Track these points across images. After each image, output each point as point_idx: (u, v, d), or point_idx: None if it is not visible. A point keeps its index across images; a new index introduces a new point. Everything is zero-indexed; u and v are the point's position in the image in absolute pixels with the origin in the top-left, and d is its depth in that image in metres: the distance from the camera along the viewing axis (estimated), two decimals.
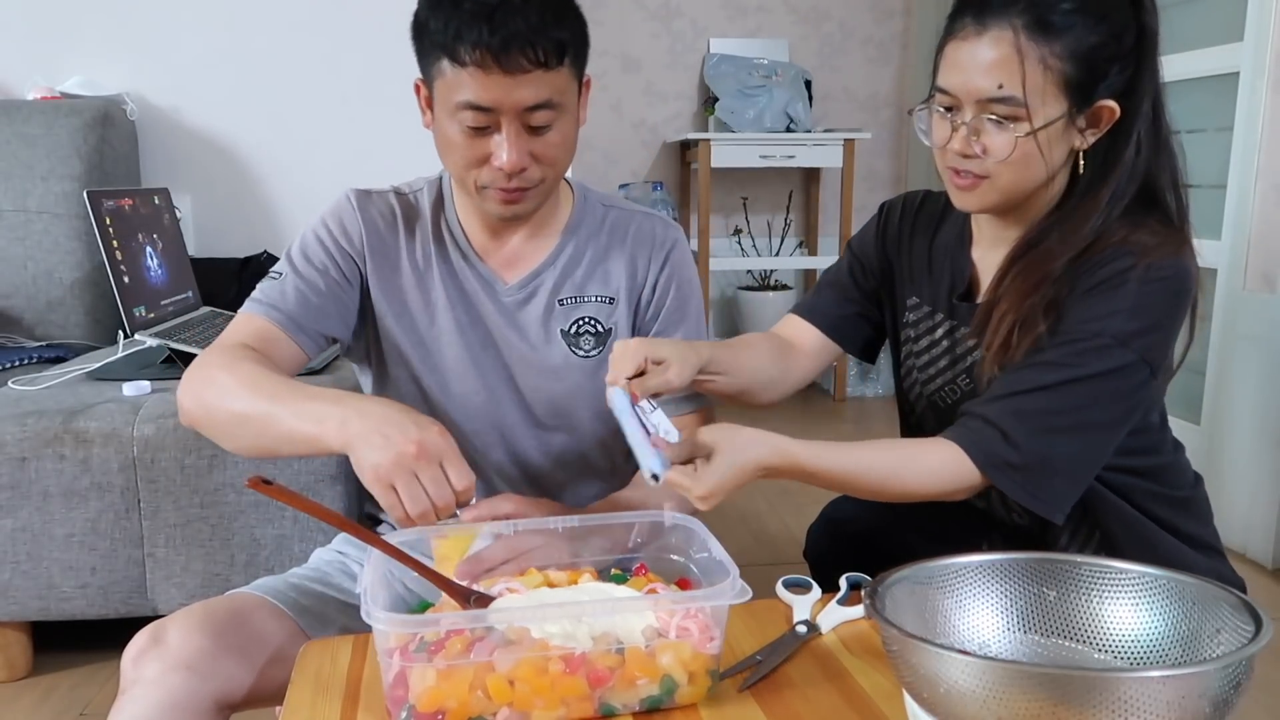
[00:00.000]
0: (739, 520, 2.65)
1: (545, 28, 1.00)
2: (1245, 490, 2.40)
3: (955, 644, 0.79)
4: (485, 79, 1.01)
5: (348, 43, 2.95)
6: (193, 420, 1.06)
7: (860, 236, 1.29)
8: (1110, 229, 1.04)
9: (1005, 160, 1.01)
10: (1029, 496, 1.01)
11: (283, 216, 3.00)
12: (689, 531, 0.98)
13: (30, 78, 2.75)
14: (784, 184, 4.28)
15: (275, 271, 1.17)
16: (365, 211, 1.20)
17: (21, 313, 2.44)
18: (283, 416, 0.97)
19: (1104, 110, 1.02)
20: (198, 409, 1.05)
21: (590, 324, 1.22)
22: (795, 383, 1.23)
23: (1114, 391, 1.01)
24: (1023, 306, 1.03)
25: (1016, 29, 0.97)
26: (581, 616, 0.82)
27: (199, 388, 1.05)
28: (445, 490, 0.90)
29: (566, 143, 1.10)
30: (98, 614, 1.75)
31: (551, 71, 1.03)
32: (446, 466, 0.90)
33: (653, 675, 0.81)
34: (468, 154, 1.07)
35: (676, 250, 1.26)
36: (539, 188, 1.11)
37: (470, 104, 1.02)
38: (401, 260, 1.20)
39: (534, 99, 1.03)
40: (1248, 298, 2.41)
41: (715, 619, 0.84)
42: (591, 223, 1.25)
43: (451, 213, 1.22)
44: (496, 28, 0.98)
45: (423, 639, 0.82)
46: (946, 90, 1.03)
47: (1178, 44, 2.64)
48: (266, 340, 1.12)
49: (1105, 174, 1.04)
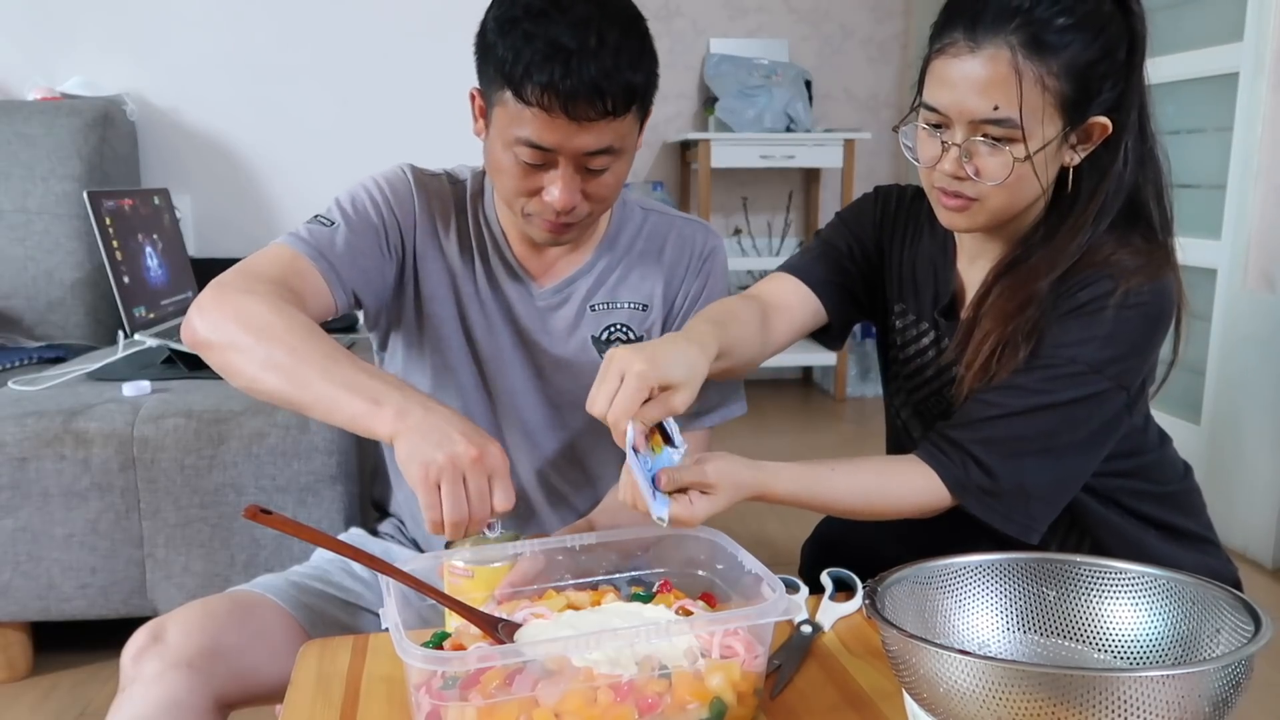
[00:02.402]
0: (738, 520, 2.65)
1: (619, 73, 0.96)
2: (1245, 490, 2.39)
3: (955, 644, 0.79)
4: (548, 121, 0.97)
5: (348, 43, 2.96)
6: (203, 344, 0.97)
7: (855, 216, 1.23)
8: (1095, 245, 1.02)
9: (999, 184, 0.97)
10: (1002, 520, 1.01)
11: (283, 216, 3.00)
12: (711, 544, 0.95)
13: (30, 78, 2.76)
14: (784, 184, 4.28)
15: (325, 218, 1.11)
16: (421, 189, 1.17)
17: (21, 313, 2.44)
18: (333, 380, 0.90)
19: (1095, 126, 0.99)
20: (217, 335, 0.96)
21: (622, 330, 1.20)
22: (773, 350, 1.16)
23: (1086, 417, 1.00)
24: (1005, 330, 1.01)
25: (1013, 47, 0.93)
26: (633, 642, 0.77)
27: (227, 313, 0.96)
28: (486, 505, 0.87)
29: (619, 182, 1.07)
30: (98, 614, 1.75)
31: (618, 119, 0.99)
32: (495, 482, 0.88)
33: (703, 698, 0.77)
34: (519, 184, 1.04)
35: (714, 259, 1.23)
36: (586, 221, 1.08)
37: (529, 142, 0.99)
38: (451, 242, 1.17)
39: (595, 145, 0.99)
40: (1248, 298, 2.41)
41: (759, 636, 0.81)
42: (630, 230, 1.22)
43: (491, 210, 1.19)
44: (569, 73, 0.94)
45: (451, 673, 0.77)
46: (935, 108, 0.98)
47: (1178, 44, 2.64)
48: (302, 280, 1.04)
49: (1093, 188, 1.02)
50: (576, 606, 0.88)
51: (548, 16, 0.96)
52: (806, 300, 1.18)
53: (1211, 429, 2.52)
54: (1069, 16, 0.94)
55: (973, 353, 1.04)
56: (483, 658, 0.76)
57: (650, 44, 1.03)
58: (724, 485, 0.91)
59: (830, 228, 1.24)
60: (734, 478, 0.93)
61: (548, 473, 1.24)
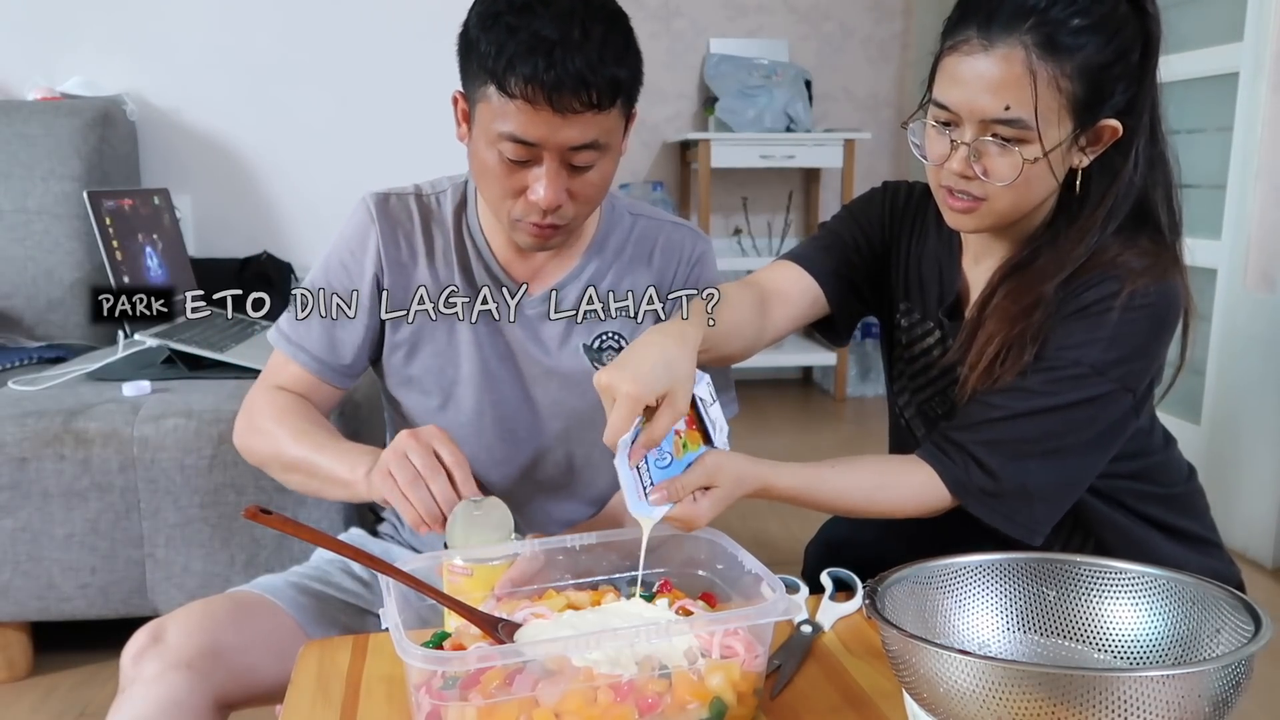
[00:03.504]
0: (738, 520, 2.65)
1: (603, 66, 0.96)
2: (1245, 490, 2.39)
3: (955, 644, 0.79)
4: (533, 114, 0.96)
5: (348, 43, 2.96)
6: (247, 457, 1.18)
7: (863, 209, 1.21)
8: (1102, 246, 1.01)
9: (1007, 185, 0.96)
10: (1005, 521, 1.00)
11: (283, 216, 3.00)
12: (711, 544, 0.95)
13: (30, 78, 2.76)
14: (784, 184, 4.28)
15: (302, 298, 1.14)
16: (384, 220, 1.16)
17: (21, 313, 2.44)
18: (321, 463, 1.06)
19: (1106, 129, 0.98)
20: (251, 455, 1.17)
21: (614, 339, 1.19)
22: (770, 338, 1.14)
23: (1091, 419, 1.00)
24: (1011, 332, 1.01)
25: (1028, 47, 0.92)
26: (633, 642, 0.78)
27: (252, 440, 1.15)
28: (438, 470, 0.94)
29: (605, 181, 1.06)
30: (98, 614, 1.75)
31: (602, 113, 0.98)
32: (438, 448, 0.95)
33: (703, 698, 0.77)
34: (504, 184, 1.03)
35: (703, 264, 1.23)
36: (571, 224, 1.07)
37: (513, 136, 0.98)
38: (419, 267, 1.17)
39: (580, 139, 0.99)
40: (1248, 298, 2.41)
41: (759, 636, 0.81)
42: (619, 235, 1.21)
43: (474, 221, 1.18)
44: (553, 64, 0.93)
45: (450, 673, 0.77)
46: (946, 105, 0.97)
47: (1178, 44, 2.62)
48: (302, 384, 1.18)
49: (1103, 190, 1.01)
50: (576, 606, 0.88)
51: (531, 11, 0.95)
52: (808, 289, 1.17)
53: (1211, 429, 2.52)
54: (1085, 18, 0.93)
55: (977, 354, 1.03)
56: (483, 658, 0.76)
57: (634, 42, 1.02)
58: (725, 480, 0.91)
59: (837, 219, 1.23)
60: (734, 472, 0.93)
61: (545, 482, 1.23)
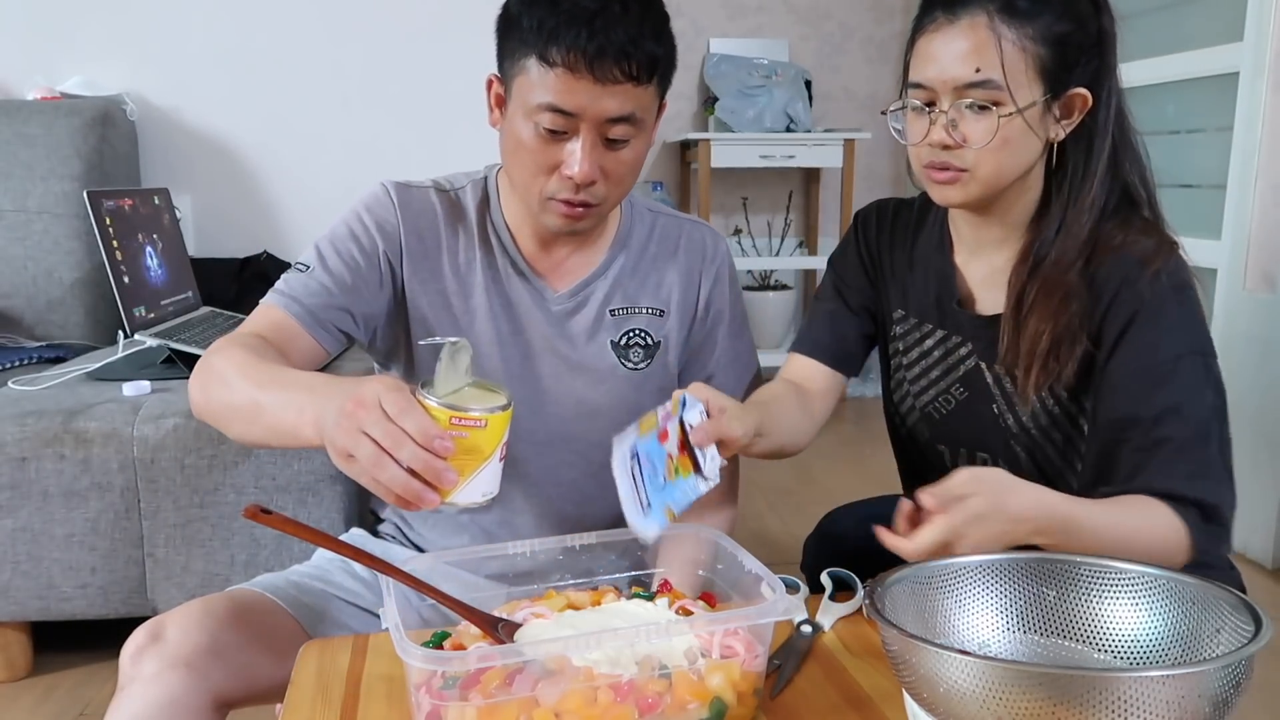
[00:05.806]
0: (738, 519, 2.65)
1: (642, 40, 0.98)
2: (1245, 490, 2.36)
3: (955, 644, 0.79)
4: (573, 82, 0.98)
5: (348, 43, 2.96)
6: (199, 411, 1.03)
7: (840, 254, 1.27)
8: (1104, 232, 1.04)
9: (986, 147, 0.99)
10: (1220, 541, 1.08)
11: (283, 216, 3.00)
12: (711, 544, 0.95)
13: (30, 78, 2.76)
14: (784, 184, 4.28)
15: (301, 263, 1.12)
16: (405, 207, 1.14)
17: (21, 313, 2.44)
18: (267, 406, 0.91)
19: (1077, 98, 1.02)
20: (200, 398, 1.02)
21: (640, 336, 1.19)
22: (816, 426, 1.19)
23: (1216, 387, 1.03)
24: (1057, 326, 1.03)
25: (990, 14, 0.98)
26: (633, 642, 0.77)
27: (203, 378, 1.01)
28: (396, 431, 0.76)
29: (637, 162, 1.07)
30: (98, 614, 1.75)
31: (640, 86, 1.00)
32: (386, 407, 0.77)
33: (703, 698, 0.77)
34: (539, 159, 1.03)
35: (727, 264, 1.24)
36: (601, 207, 1.07)
37: (551, 106, 0.99)
38: (443, 262, 1.15)
39: (618, 111, 1.00)
40: (1248, 298, 2.41)
41: (759, 635, 0.81)
42: (641, 231, 1.22)
43: (499, 216, 1.17)
44: (595, 33, 0.96)
45: (451, 673, 0.77)
46: (921, 84, 1.02)
47: (1178, 44, 2.64)
48: (283, 333, 1.07)
49: (1084, 168, 1.04)
50: (576, 606, 0.88)
51: None
52: (828, 375, 1.23)
53: None
54: None
55: (1028, 354, 1.04)
56: (483, 658, 0.76)
57: (669, 26, 1.05)
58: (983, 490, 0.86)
59: (824, 283, 1.28)
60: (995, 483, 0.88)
61: (574, 479, 1.21)
